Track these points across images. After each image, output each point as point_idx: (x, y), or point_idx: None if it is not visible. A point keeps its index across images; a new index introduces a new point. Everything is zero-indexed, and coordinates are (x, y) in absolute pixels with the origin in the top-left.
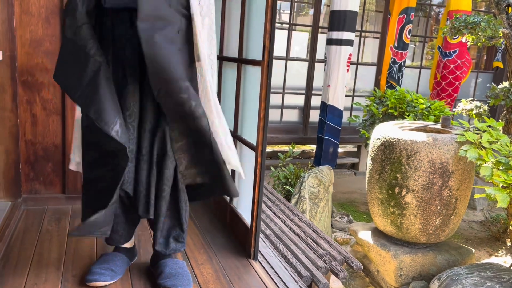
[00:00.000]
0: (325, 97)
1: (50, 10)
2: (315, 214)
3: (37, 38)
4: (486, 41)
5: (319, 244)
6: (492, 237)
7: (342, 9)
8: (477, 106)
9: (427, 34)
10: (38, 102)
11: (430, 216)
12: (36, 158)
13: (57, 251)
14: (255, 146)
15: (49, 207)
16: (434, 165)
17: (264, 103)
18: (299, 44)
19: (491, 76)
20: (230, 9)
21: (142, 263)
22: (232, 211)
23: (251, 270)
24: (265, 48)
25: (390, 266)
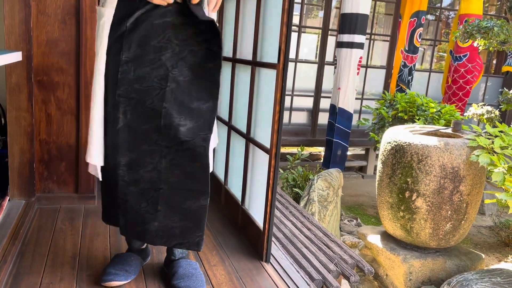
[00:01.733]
0: (335, 100)
1: (67, 10)
2: (324, 217)
3: (53, 39)
4: (498, 45)
5: (330, 247)
6: (501, 242)
7: (353, 12)
8: (488, 111)
9: (437, 38)
10: (53, 102)
11: (440, 221)
12: (50, 157)
13: (71, 250)
14: (269, 149)
15: (62, 206)
16: (445, 169)
17: (279, 106)
18: (308, 46)
19: (501, 81)
20: (244, 11)
21: (156, 263)
22: (244, 213)
23: (263, 273)
24: (281, 51)
25: (399, 270)
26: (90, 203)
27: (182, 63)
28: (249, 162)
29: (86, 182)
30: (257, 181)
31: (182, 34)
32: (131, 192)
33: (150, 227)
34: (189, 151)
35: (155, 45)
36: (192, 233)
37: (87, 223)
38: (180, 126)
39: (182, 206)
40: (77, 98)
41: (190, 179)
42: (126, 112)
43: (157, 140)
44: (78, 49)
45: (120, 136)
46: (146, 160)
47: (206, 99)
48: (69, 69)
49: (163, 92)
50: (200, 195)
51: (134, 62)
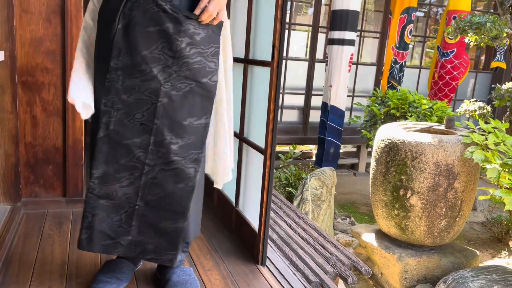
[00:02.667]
0: (326, 98)
1: (51, 9)
2: (317, 216)
3: (38, 38)
4: (490, 41)
5: (326, 248)
6: (494, 238)
7: (344, 8)
8: (480, 107)
9: (427, 34)
10: (38, 103)
11: (435, 218)
12: (36, 160)
13: (60, 257)
14: (264, 149)
15: (50, 211)
16: (440, 166)
17: (274, 105)
18: (297, 43)
19: (490, 76)
20: (235, 9)
21: (148, 269)
22: (238, 215)
23: (259, 276)
24: (274, 48)
25: (394, 269)
26: (78, 206)
27: (175, 76)
28: (243, 162)
29: (74, 185)
30: (252, 182)
31: (176, 45)
32: (101, 205)
33: (121, 241)
34: (176, 171)
35: (146, 55)
36: (166, 251)
37: (75, 228)
38: (172, 144)
39: (158, 225)
40: (63, 99)
41: (170, 200)
42: (109, 123)
43: (140, 157)
44: (63, 48)
45: (98, 146)
46: (123, 175)
47: (199, 115)
48: (55, 69)
49: (154, 107)
50: (178, 218)
51: (124, 70)
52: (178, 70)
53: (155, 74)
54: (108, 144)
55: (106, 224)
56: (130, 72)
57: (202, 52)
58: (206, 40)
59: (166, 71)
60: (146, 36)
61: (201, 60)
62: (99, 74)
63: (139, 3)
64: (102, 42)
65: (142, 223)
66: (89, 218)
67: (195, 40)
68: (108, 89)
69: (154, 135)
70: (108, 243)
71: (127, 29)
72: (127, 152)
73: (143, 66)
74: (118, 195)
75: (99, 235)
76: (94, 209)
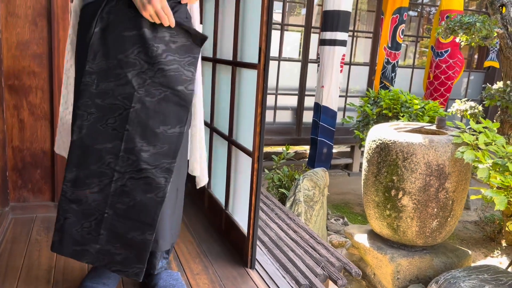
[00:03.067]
0: (318, 98)
1: (38, 11)
2: (310, 217)
3: (24, 41)
4: (480, 41)
5: (317, 250)
6: (487, 237)
7: (335, 9)
8: (472, 106)
9: (419, 34)
10: (25, 107)
11: (427, 218)
12: (24, 165)
13: (47, 263)
14: (252, 152)
15: (38, 216)
16: (431, 167)
17: (261, 108)
18: (291, 44)
19: (483, 76)
20: (223, 10)
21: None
22: (228, 218)
23: (248, 280)
24: (261, 51)
25: (387, 269)
26: None
27: (150, 82)
28: (232, 165)
29: None
30: (241, 184)
31: (151, 50)
32: (72, 210)
33: (90, 249)
34: (146, 179)
35: (122, 59)
36: (132, 264)
37: None
38: (142, 152)
39: (126, 236)
40: (50, 103)
41: (138, 210)
42: (82, 126)
43: (110, 163)
44: (50, 51)
45: (71, 149)
46: (93, 181)
47: (173, 124)
48: (42, 73)
49: (126, 112)
50: (146, 229)
51: (98, 74)
52: (153, 76)
53: (130, 79)
54: (80, 148)
55: (76, 229)
56: (105, 76)
57: (179, 60)
58: (182, 49)
59: (140, 76)
60: (122, 40)
61: (177, 68)
62: (77, 76)
63: (117, 7)
64: (79, 46)
65: (111, 232)
66: (61, 221)
67: (171, 47)
68: (82, 93)
69: (125, 142)
70: (77, 249)
71: (104, 32)
72: (98, 158)
73: (118, 70)
74: (88, 201)
75: (69, 240)
76: (65, 213)
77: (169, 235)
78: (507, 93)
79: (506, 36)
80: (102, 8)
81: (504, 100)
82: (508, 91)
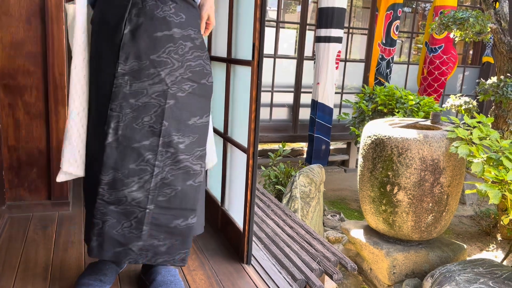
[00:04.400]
0: (315, 95)
1: (31, 10)
2: (306, 213)
3: (18, 40)
4: (474, 36)
5: (313, 245)
6: (482, 231)
7: (329, 6)
8: (466, 101)
9: (414, 30)
10: (20, 106)
11: (422, 213)
12: (20, 164)
13: (44, 261)
14: (247, 148)
15: (35, 214)
16: (426, 162)
17: (255, 105)
18: (286, 41)
19: (478, 71)
20: (217, 7)
21: (132, 271)
22: (224, 215)
23: (244, 276)
24: (254, 47)
25: (383, 264)
26: (64, 209)
27: (180, 78)
28: (228, 161)
29: (60, 187)
30: (236, 181)
31: (181, 48)
32: (111, 211)
33: (132, 247)
34: (184, 168)
35: (154, 59)
36: (178, 250)
37: (60, 231)
38: (179, 144)
39: (169, 225)
40: (45, 101)
41: (180, 198)
42: (118, 127)
43: (149, 159)
44: (45, 50)
45: (107, 152)
46: (133, 180)
47: (201, 114)
48: (37, 71)
49: (162, 109)
50: (188, 214)
51: (131, 75)
52: (183, 73)
53: (163, 77)
54: (117, 149)
55: (116, 230)
56: (138, 76)
57: (201, 55)
58: (203, 44)
59: (172, 74)
60: (154, 40)
61: (200, 63)
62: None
63: (145, 10)
64: (104, 48)
65: (153, 226)
66: (100, 225)
67: (196, 44)
68: (116, 94)
69: (162, 137)
70: (119, 250)
71: (134, 34)
72: (137, 156)
73: (151, 69)
74: (128, 201)
75: (110, 242)
76: (104, 216)
77: (202, 219)
78: (501, 87)
79: (500, 31)
80: (129, 11)
81: (498, 95)
82: (502, 86)
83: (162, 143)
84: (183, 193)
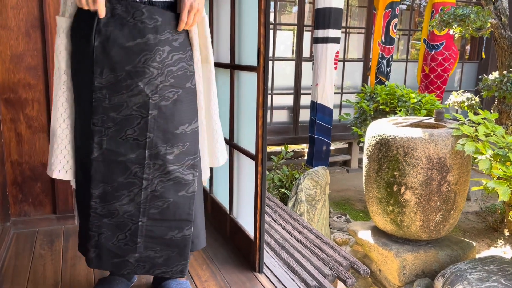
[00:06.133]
0: (314, 96)
1: (30, 23)
2: (313, 216)
3: (18, 53)
4: (474, 32)
5: (323, 250)
6: (489, 227)
7: (326, 6)
8: (468, 98)
9: (411, 27)
10: (22, 120)
11: (430, 212)
12: (24, 178)
13: (53, 277)
14: (255, 155)
15: (40, 229)
16: (432, 160)
17: (262, 110)
18: (283, 43)
19: (476, 66)
20: (218, 12)
21: (143, 285)
22: (233, 223)
23: (257, 284)
24: (260, 53)
25: (392, 265)
26: (69, 223)
27: (162, 86)
28: (235, 168)
29: (64, 201)
30: (244, 188)
31: (159, 55)
32: (105, 224)
33: (129, 259)
34: (175, 179)
35: (130, 70)
36: (176, 262)
37: (67, 245)
38: (167, 155)
39: (164, 237)
40: (48, 115)
41: (173, 210)
42: (102, 142)
43: (137, 172)
44: (45, 62)
45: (94, 166)
46: (123, 193)
47: (189, 121)
48: (38, 85)
49: (145, 121)
50: (184, 225)
51: (108, 88)
52: (164, 80)
53: (142, 88)
54: (103, 163)
55: (112, 242)
56: (115, 89)
57: (183, 57)
58: (183, 45)
59: (152, 83)
60: (126, 51)
61: (182, 66)
62: (83, 93)
63: (114, 18)
64: (79, 60)
65: (148, 238)
66: (96, 237)
67: (174, 46)
68: (96, 109)
69: (148, 149)
70: (117, 261)
71: (105, 46)
72: (124, 169)
73: (128, 81)
74: (120, 213)
75: (107, 253)
76: (99, 228)
77: (203, 233)
78: (504, 83)
79: (500, 26)
80: (97, 21)
81: (501, 91)
82: (505, 81)
83: (149, 156)
84: (175, 204)
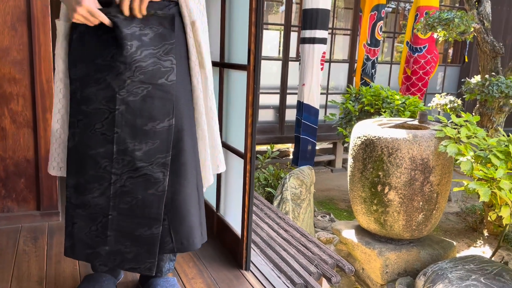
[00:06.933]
0: (300, 96)
1: (17, 17)
2: (298, 215)
3: (3, 47)
4: (458, 36)
5: (309, 248)
6: (469, 228)
7: (314, 7)
8: (451, 100)
9: (396, 30)
10: (7, 115)
11: (413, 212)
12: (7, 174)
13: (37, 274)
14: (243, 154)
15: (24, 226)
16: (415, 161)
17: (252, 109)
18: (270, 42)
19: (458, 69)
20: (209, 10)
21: (130, 282)
22: (220, 220)
23: (244, 282)
24: (250, 52)
25: (375, 264)
26: (54, 219)
27: (130, 82)
28: None
29: (49, 197)
30: (232, 186)
31: (126, 50)
32: (78, 214)
33: (101, 251)
34: (144, 177)
35: (99, 63)
36: (144, 259)
37: (52, 242)
38: (136, 151)
39: (134, 233)
40: (33, 110)
41: (142, 207)
42: (75, 134)
43: (106, 167)
44: (31, 57)
45: (70, 157)
46: (94, 186)
47: (161, 118)
48: (23, 79)
49: (112, 116)
50: (152, 224)
51: (81, 80)
52: (132, 76)
53: (109, 82)
54: (76, 155)
55: (84, 233)
56: (86, 81)
57: (154, 53)
58: (156, 39)
59: (119, 78)
60: (99, 43)
61: (154, 62)
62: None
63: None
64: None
65: (118, 232)
66: (70, 227)
67: (144, 41)
68: (72, 100)
69: (116, 144)
70: (89, 252)
71: (83, 38)
72: (94, 163)
73: (98, 74)
74: (92, 205)
75: (80, 244)
76: (73, 218)
77: (199, 234)
78: (486, 86)
79: (483, 31)
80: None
81: (483, 94)
82: (487, 85)
83: (117, 151)
84: (144, 201)
